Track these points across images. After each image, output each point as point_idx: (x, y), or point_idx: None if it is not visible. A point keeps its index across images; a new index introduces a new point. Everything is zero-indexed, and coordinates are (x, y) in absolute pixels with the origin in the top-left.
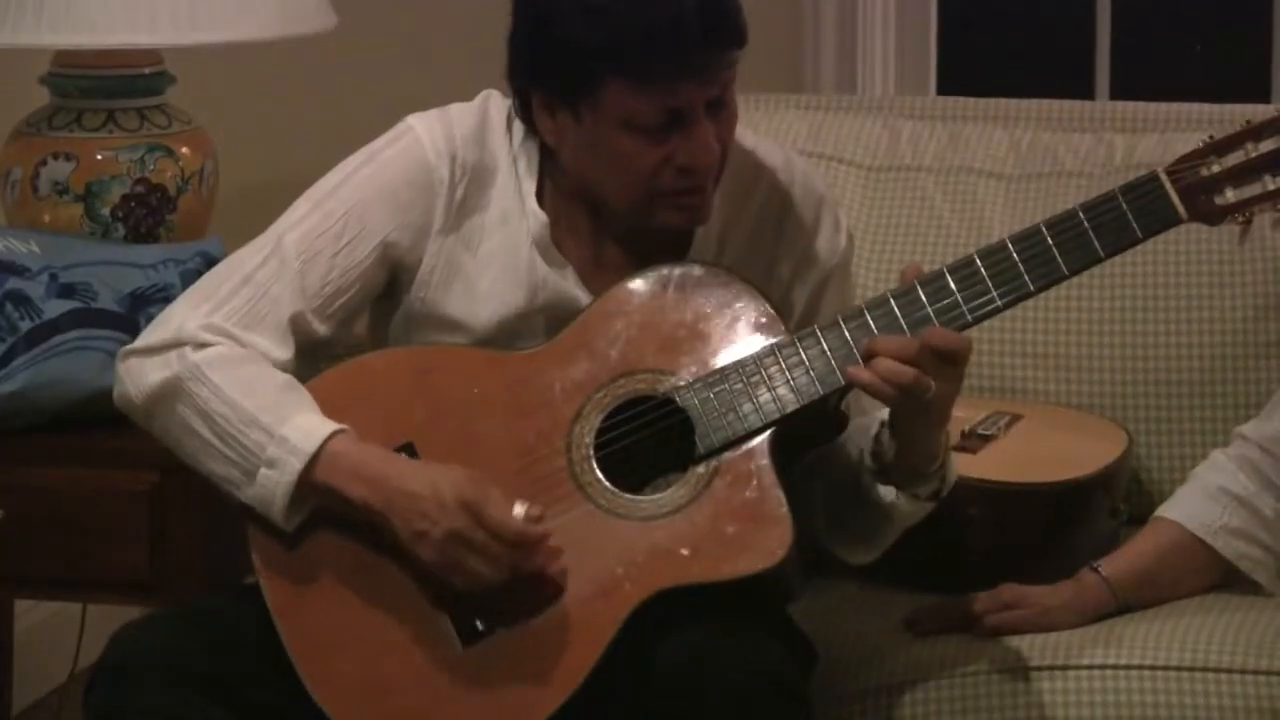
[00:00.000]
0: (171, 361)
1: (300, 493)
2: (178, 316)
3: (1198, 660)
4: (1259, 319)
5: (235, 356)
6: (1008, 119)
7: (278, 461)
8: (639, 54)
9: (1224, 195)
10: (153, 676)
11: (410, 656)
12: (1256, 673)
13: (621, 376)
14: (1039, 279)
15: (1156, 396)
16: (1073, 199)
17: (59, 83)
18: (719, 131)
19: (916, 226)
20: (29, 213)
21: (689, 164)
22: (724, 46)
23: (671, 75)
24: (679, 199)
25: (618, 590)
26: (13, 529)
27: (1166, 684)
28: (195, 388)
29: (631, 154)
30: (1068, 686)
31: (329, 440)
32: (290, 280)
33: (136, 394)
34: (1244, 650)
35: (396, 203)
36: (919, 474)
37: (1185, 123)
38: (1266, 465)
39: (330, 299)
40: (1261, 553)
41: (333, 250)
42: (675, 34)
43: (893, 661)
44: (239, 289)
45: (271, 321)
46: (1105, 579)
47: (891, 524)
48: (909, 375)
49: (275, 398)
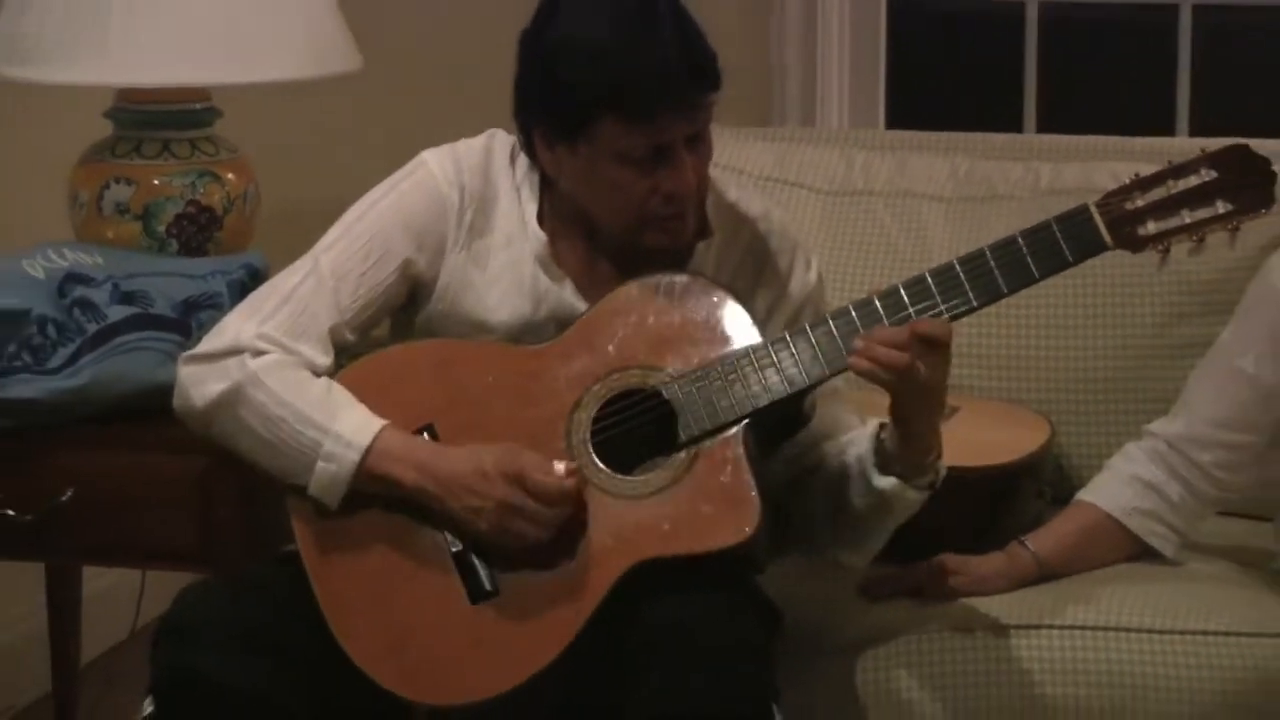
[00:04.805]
0: (231, 369)
1: (356, 482)
2: (233, 328)
3: (1113, 621)
4: (1167, 326)
5: (286, 363)
6: (947, 149)
7: (335, 456)
8: (631, 96)
9: (1146, 227)
10: (209, 635)
11: (425, 613)
12: (1163, 632)
13: (616, 371)
14: (981, 296)
15: (1076, 393)
16: (1005, 220)
17: (121, 116)
18: (697, 163)
19: (868, 243)
20: (94, 230)
21: (672, 192)
22: (704, 90)
23: (658, 115)
24: (664, 223)
25: (607, 559)
26: (80, 505)
27: (1086, 641)
28: (254, 393)
29: (622, 183)
30: (1002, 643)
31: (379, 435)
32: (327, 297)
33: (200, 400)
34: (1153, 613)
35: (414, 228)
36: (918, 465)
37: (1102, 153)
38: (1172, 458)
39: (360, 312)
40: (1167, 530)
41: (361, 270)
42: (663, 79)
43: (849, 623)
44: (283, 304)
45: (314, 332)
46: (1032, 552)
47: (891, 514)
48: (903, 359)
49: (323, 398)
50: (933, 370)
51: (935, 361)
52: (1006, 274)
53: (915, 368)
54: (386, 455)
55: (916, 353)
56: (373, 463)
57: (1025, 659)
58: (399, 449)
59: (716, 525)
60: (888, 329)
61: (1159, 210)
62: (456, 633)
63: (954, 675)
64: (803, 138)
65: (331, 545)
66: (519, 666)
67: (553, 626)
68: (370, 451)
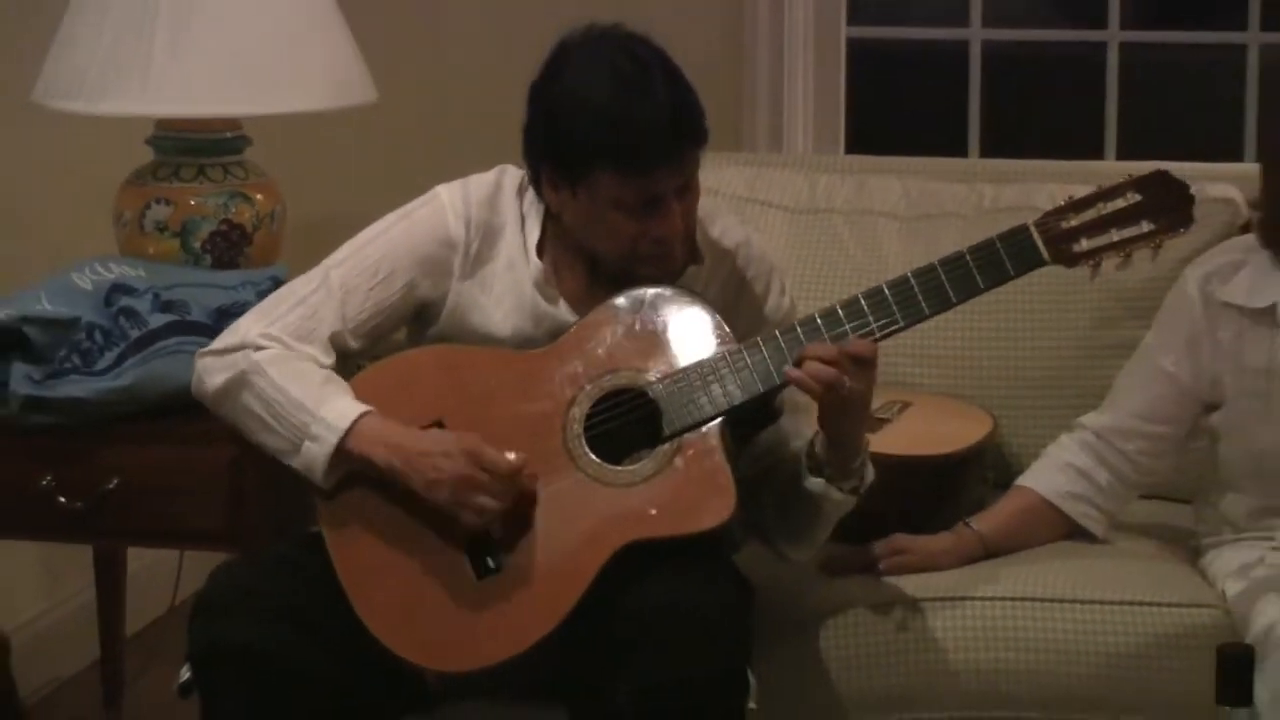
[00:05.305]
0: (238, 360)
1: (336, 460)
2: (244, 328)
3: (1049, 593)
4: (1097, 330)
5: (286, 356)
6: (901, 172)
7: (319, 437)
8: (627, 154)
9: (1080, 244)
10: (240, 609)
11: (435, 587)
12: (1093, 602)
13: (607, 373)
14: (933, 305)
15: (1016, 390)
16: (952, 235)
17: (160, 143)
18: (685, 209)
19: (829, 255)
20: (137, 246)
21: (661, 236)
22: (691, 146)
23: (651, 170)
24: (653, 259)
25: (599, 540)
26: (124, 493)
27: (1022, 610)
28: (256, 379)
29: (617, 227)
30: (950, 613)
31: (359, 419)
32: (334, 306)
33: (211, 385)
34: (1085, 585)
35: (421, 254)
36: (844, 470)
37: (1039, 175)
38: (1100, 448)
39: (364, 323)
40: (1097, 513)
41: (368, 286)
42: (655, 139)
43: (812, 596)
44: (293, 309)
45: (317, 336)
46: (977, 532)
47: (821, 514)
48: (831, 374)
49: (318, 388)
50: (858, 384)
51: (861, 376)
52: (955, 286)
53: (843, 382)
54: (362, 437)
55: (845, 369)
56: (351, 444)
57: (967, 626)
58: (374, 432)
59: (697, 509)
60: (821, 346)
61: (1091, 229)
62: (464, 606)
63: (904, 641)
64: (771, 162)
65: (350, 527)
66: (520, 636)
67: (551, 601)
68: (349, 434)
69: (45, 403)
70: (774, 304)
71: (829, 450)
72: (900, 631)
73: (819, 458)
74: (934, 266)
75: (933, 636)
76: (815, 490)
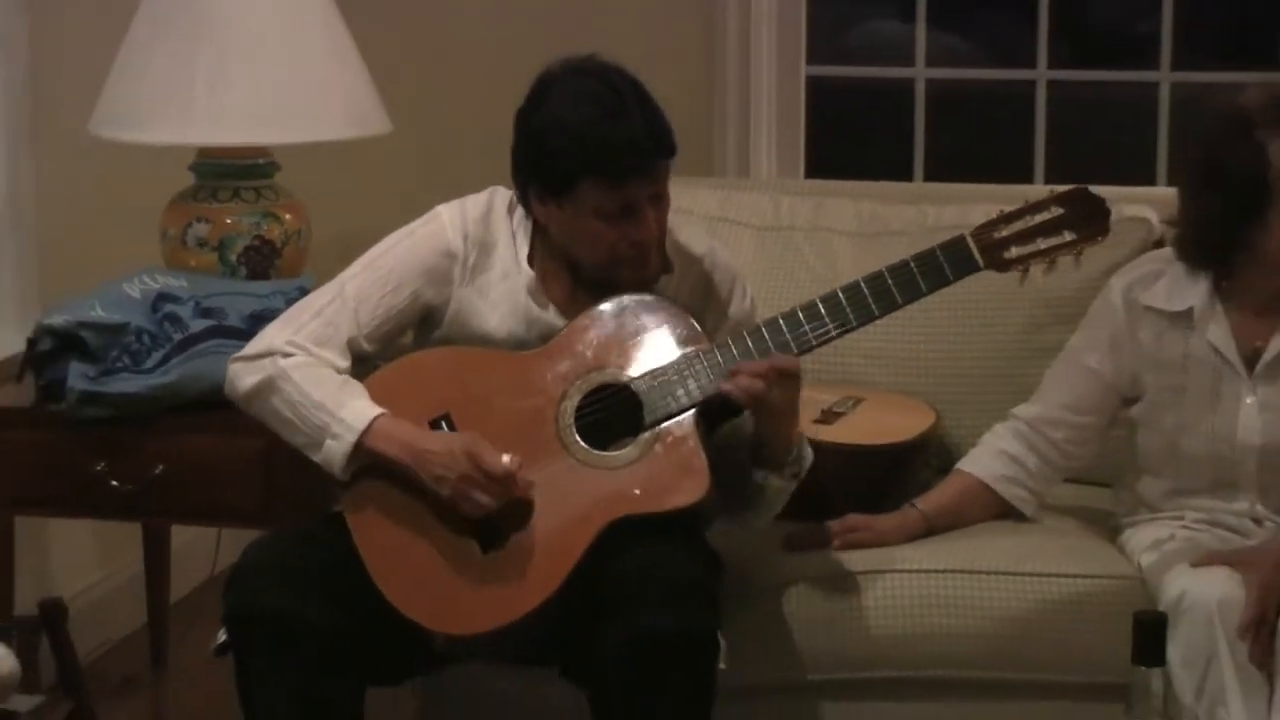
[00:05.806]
0: (266, 366)
1: (353, 456)
2: (269, 336)
3: (985, 565)
4: (1029, 333)
5: (309, 362)
6: (854, 194)
7: (339, 435)
8: (606, 168)
9: (1010, 252)
10: (270, 579)
11: (444, 560)
12: (1024, 574)
13: (594, 370)
14: (881, 307)
15: (957, 386)
16: (900, 250)
17: (201, 169)
18: (658, 216)
19: (791, 268)
20: (179, 259)
21: (638, 240)
22: (663, 157)
23: (628, 181)
24: (630, 262)
25: (589, 518)
26: (169, 477)
27: (959, 581)
28: (282, 384)
29: (599, 234)
30: (897, 583)
31: (374, 420)
32: (349, 314)
33: (242, 388)
34: (1016, 558)
35: (425, 266)
36: (779, 462)
37: (976, 197)
38: (1031, 436)
39: (376, 328)
40: (1027, 494)
41: (379, 295)
42: (631, 150)
43: (774, 568)
44: (313, 319)
45: (335, 342)
46: (921, 512)
47: (764, 498)
48: (758, 386)
49: (337, 391)
50: (784, 394)
51: (787, 387)
52: (901, 289)
53: (769, 394)
54: (377, 436)
55: (772, 381)
56: (367, 441)
57: (911, 594)
58: (387, 431)
59: (675, 489)
60: (750, 364)
61: (1020, 239)
62: (470, 577)
63: (856, 607)
64: (740, 185)
65: (368, 509)
66: (520, 603)
67: (547, 571)
68: (365, 433)
69: (99, 398)
70: (737, 306)
71: (764, 446)
72: (853, 598)
73: (759, 452)
74: (882, 273)
75: (881, 603)
76: (758, 479)
